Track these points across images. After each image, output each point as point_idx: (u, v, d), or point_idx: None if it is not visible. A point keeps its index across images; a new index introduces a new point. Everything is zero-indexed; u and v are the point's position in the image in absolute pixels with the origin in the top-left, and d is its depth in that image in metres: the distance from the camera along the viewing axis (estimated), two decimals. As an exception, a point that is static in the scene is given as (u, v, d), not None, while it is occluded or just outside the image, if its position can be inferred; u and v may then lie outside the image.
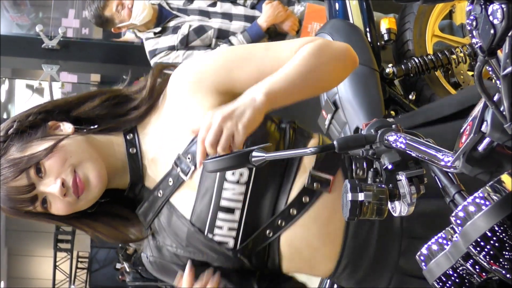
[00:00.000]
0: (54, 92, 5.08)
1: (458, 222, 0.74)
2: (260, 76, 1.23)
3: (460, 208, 0.74)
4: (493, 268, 0.72)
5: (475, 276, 0.77)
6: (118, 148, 1.32)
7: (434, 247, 0.81)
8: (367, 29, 2.36)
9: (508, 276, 0.71)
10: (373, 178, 0.94)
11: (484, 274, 0.76)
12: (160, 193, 1.31)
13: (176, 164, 1.28)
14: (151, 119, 1.33)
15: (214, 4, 3.18)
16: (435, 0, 1.04)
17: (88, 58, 4.60)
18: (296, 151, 1.02)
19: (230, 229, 1.26)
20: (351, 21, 2.36)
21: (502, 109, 0.70)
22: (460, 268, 0.78)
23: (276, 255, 1.29)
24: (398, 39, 2.46)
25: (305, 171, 1.27)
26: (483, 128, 0.74)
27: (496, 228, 0.70)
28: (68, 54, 4.46)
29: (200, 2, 3.19)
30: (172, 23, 3.18)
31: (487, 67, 0.72)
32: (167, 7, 3.22)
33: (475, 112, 0.77)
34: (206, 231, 1.26)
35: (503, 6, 0.64)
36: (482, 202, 0.71)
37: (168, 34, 3.17)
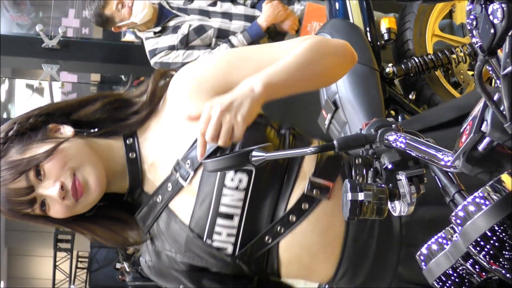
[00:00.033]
0: (54, 92, 5.08)
1: (458, 221, 0.74)
2: None
3: (460, 207, 0.74)
4: (493, 267, 0.72)
5: (475, 275, 0.77)
6: (117, 152, 1.32)
7: (434, 247, 0.81)
8: (367, 28, 2.36)
9: (508, 275, 0.71)
10: (373, 178, 0.94)
11: (484, 273, 0.76)
12: (159, 198, 1.30)
13: (175, 170, 1.27)
14: (151, 124, 1.33)
15: (214, 4, 3.18)
16: (435, -1, 1.04)
17: (88, 58, 4.60)
18: (296, 151, 1.02)
19: (229, 235, 1.25)
20: (351, 20, 2.36)
21: (502, 108, 0.70)
22: (460, 268, 0.78)
23: (275, 261, 1.28)
24: (398, 39, 2.46)
25: (304, 178, 1.26)
26: (483, 128, 0.74)
27: (496, 228, 0.70)
28: (68, 54, 4.46)
29: (200, 2, 3.18)
30: (172, 23, 3.18)
31: (487, 66, 0.72)
32: (167, 6, 3.22)
33: (475, 112, 0.77)
34: (205, 237, 1.26)
35: (503, 6, 0.64)
36: (482, 201, 0.71)
37: (168, 33, 3.17)
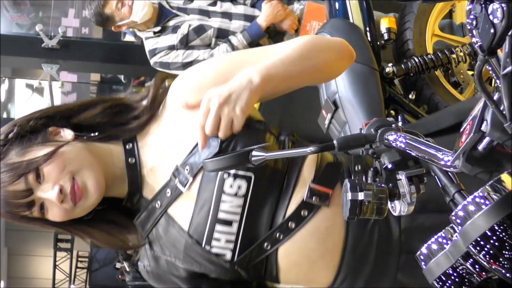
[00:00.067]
0: (54, 92, 5.08)
1: (458, 221, 0.74)
2: None
3: (460, 207, 0.74)
4: (493, 267, 0.72)
5: (475, 275, 0.77)
6: (117, 157, 1.32)
7: (434, 247, 0.81)
8: (367, 28, 2.36)
9: (508, 275, 0.71)
10: (373, 178, 0.94)
11: (484, 273, 0.76)
12: (158, 204, 1.30)
13: (174, 175, 1.27)
14: (151, 129, 1.33)
15: (214, 3, 3.18)
16: (435, -1, 1.04)
17: (88, 58, 4.60)
18: (296, 150, 1.02)
19: (228, 241, 1.25)
20: (351, 20, 2.35)
21: (502, 108, 0.70)
22: (460, 268, 0.78)
23: (273, 268, 1.28)
24: (398, 39, 2.46)
25: (303, 185, 1.26)
26: (483, 128, 0.74)
27: (496, 228, 0.70)
28: (68, 54, 4.46)
29: (200, 1, 3.18)
30: (171, 22, 3.18)
31: (487, 66, 0.72)
32: (167, 6, 3.22)
33: (475, 111, 0.77)
34: (204, 243, 1.25)
35: (503, 5, 0.64)
36: (482, 201, 0.71)
37: (167, 33, 3.16)
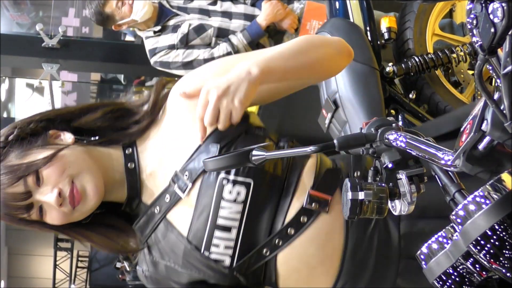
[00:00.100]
0: (54, 91, 5.08)
1: (458, 220, 0.74)
2: None
3: (460, 206, 0.74)
4: (493, 267, 0.72)
5: (475, 275, 0.77)
6: (117, 161, 1.32)
7: (434, 246, 0.81)
8: (368, 28, 2.35)
9: (508, 275, 0.71)
10: (373, 177, 0.94)
11: (484, 273, 0.76)
12: (157, 209, 1.30)
13: (174, 181, 1.27)
14: (151, 134, 1.33)
15: (214, 3, 3.18)
16: (435, -2, 1.04)
17: (88, 57, 4.59)
18: (296, 150, 1.02)
19: (227, 247, 1.25)
20: (352, 19, 2.35)
21: (502, 107, 0.70)
22: (460, 267, 0.78)
23: (272, 274, 1.28)
24: (399, 38, 2.46)
25: (303, 191, 1.26)
26: (483, 127, 0.74)
27: (496, 227, 0.70)
28: (68, 53, 4.45)
29: (200, 1, 3.18)
30: (172, 22, 3.18)
31: (487, 65, 0.72)
32: (167, 5, 3.22)
33: (475, 111, 0.77)
34: (203, 249, 1.25)
35: (504, 5, 0.64)
36: (482, 201, 0.71)
37: (168, 32, 3.17)
